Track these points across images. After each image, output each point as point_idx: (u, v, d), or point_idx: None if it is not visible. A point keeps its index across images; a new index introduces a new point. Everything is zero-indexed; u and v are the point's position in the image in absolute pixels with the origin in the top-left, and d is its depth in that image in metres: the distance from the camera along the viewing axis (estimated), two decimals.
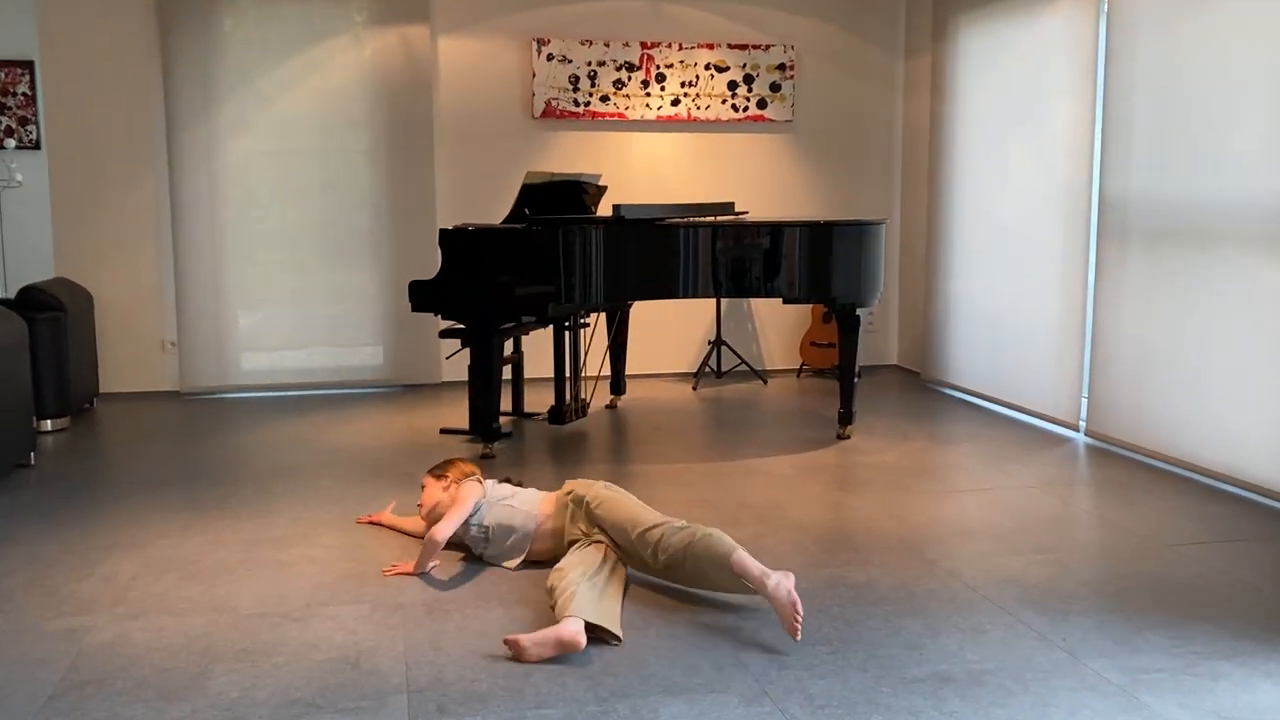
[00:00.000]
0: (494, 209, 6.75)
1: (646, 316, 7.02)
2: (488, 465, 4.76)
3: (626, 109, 6.85)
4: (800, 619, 2.80)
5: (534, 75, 6.70)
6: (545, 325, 5.39)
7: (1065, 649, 2.81)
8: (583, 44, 6.72)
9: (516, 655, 2.72)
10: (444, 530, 3.32)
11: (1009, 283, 5.99)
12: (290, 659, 2.76)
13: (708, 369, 7.09)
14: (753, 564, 2.92)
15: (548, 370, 6.87)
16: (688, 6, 6.89)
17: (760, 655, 2.77)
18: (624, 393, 6.18)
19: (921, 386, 6.79)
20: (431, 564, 3.38)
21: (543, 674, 2.66)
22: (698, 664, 2.72)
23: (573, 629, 2.73)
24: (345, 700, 2.54)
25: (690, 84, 6.90)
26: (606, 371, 6.14)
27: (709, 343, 7.12)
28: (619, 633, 2.82)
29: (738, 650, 2.80)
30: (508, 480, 3.65)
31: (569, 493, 3.38)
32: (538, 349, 6.84)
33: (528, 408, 5.83)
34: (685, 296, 4.91)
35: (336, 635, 2.91)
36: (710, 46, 6.89)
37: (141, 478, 4.59)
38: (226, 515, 4.02)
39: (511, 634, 2.79)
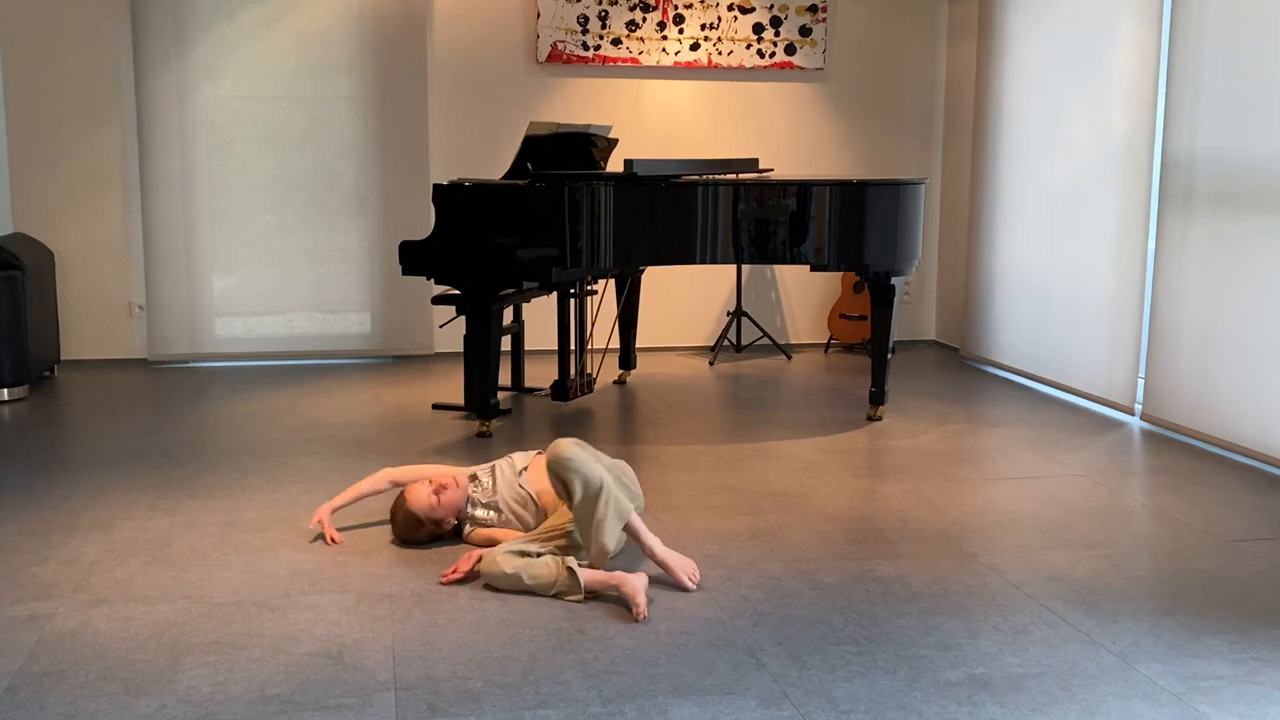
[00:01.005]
0: (494, 163, 6.73)
1: (660, 284, 7.01)
2: (484, 444, 4.77)
3: (641, 54, 6.80)
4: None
5: (538, 15, 6.66)
6: (549, 292, 5.38)
7: (1115, 653, 2.81)
8: None
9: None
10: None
11: (1060, 250, 5.96)
12: (267, 652, 2.77)
13: (726, 342, 7.08)
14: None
15: (551, 342, 6.87)
16: None
17: (780, 654, 2.78)
18: (634, 367, 6.18)
19: (961, 364, 6.77)
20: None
21: (542, 671, 2.67)
22: (712, 663, 2.73)
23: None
24: (327, 697, 2.55)
25: (711, 26, 6.85)
26: (615, 344, 6.14)
27: (728, 314, 7.11)
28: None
29: (755, 648, 2.81)
30: (473, 476, 3.63)
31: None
32: (540, 318, 6.84)
33: (529, 382, 5.84)
34: (703, 262, 4.89)
35: (317, 626, 2.92)
36: None
37: (106, 453, 4.61)
38: (198, 495, 4.04)
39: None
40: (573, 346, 5.49)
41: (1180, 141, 4.97)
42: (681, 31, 6.83)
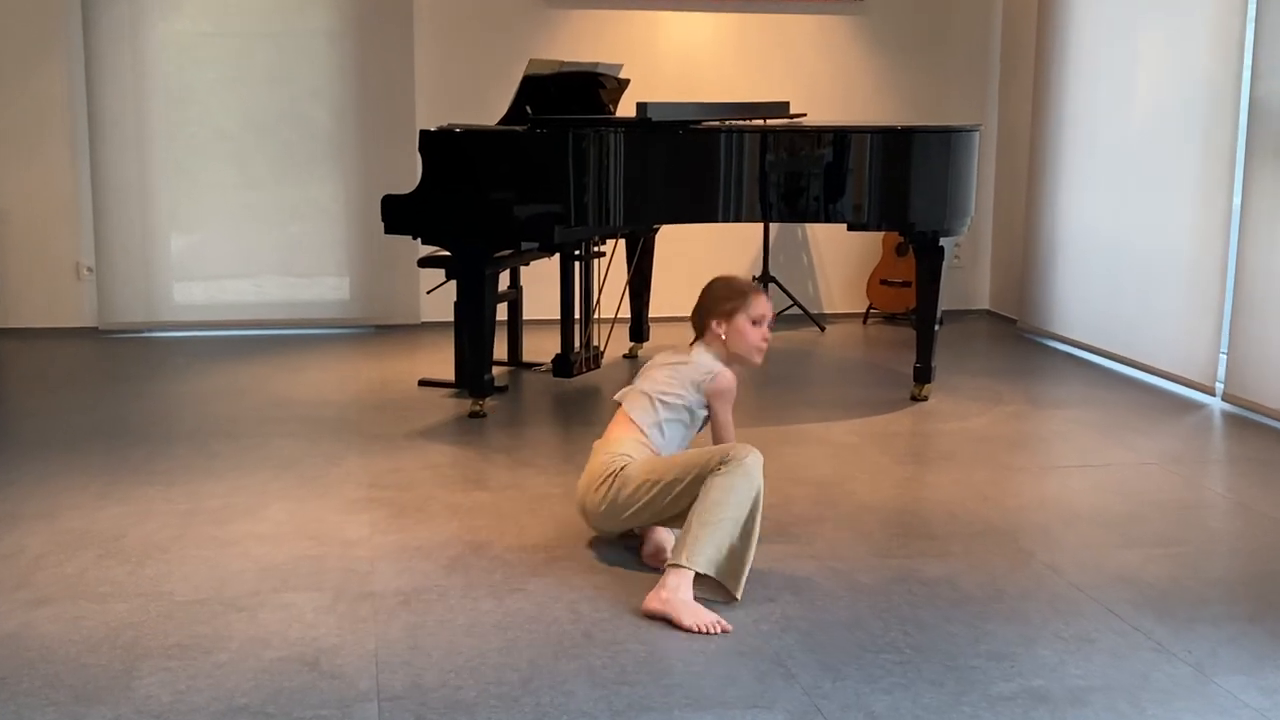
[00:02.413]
0: (488, 107, 6.70)
1: (676, 245, 6.99)
2: (478, 426, 4.78)
3: None
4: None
5: None
6: (551, 254, 5.38)
7: (1191, 664, 2.81)
8: None
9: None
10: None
11: (1132, 208, 5.93)
12: (234, 657, 2.79)
13: None
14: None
15: (553, 311, 6.86)
16: None
17: (812, 664, 2.78)
18: (647, 339, 6.18)
19: (1018, 337, 6.75)
20: None
21: (543, 680, 2.68)
22: (735, 673, 2.74)
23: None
24: (302, 708, 2.57)
25: None
26: (625, 313, 6.14)
27: (754, 279, 7.09)
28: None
29: (784, 657, 2.82)
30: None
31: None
32: (541, 283, 6.83)
33: (527, 356, 5.84)
34: (725, 220, 4.88)
35: (291, 629, 2.94)
36: None
37: (51, 434, 4.62)
38: (155, 481, 4.05)
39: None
40: (577, 316, 5.49)
41: (1271, 84, 4.94)
42: None
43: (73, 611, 3.02)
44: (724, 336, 3.41)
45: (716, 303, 3.42)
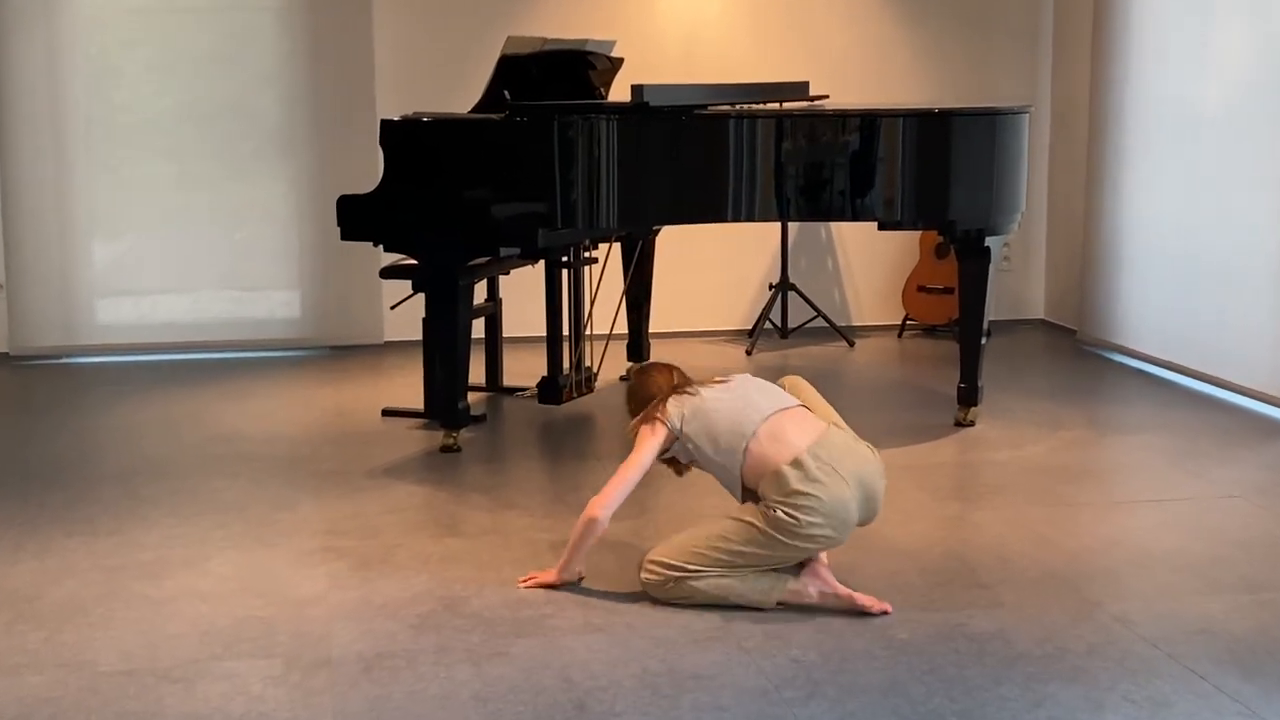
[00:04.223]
0: (460, 92, 6.71)
1: (680, 249, 6.99)
2: (452, 461, 4.77)
3: None
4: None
5: None
6: (534, 261, 5.37)
7: None
8: None
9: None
10: (604, 506, 3.46)
11: (1207, 203, 5.93)
12: None
13: (768, 325, 7.07)
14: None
15: (538, 327, 6.85)
16: None
17: None
18: (647, 359, 6.17)
19: (1078, 350, 6.75)
20: (579, 569, 3.58)
21: None
22: None
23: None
24: None
25: None
26: (622, 328, 6.13)
27: (770, 287, 7.10)
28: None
29: None
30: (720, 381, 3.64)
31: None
32: (523, 295, 6.83)
33: (508, 380, 5.84)
34: (736, 220, 4.88)
35: (234, 703, 2.92)
36: None
37: None
38: (77, 531, 4.04)
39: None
40: (566, 332, 5.48)
41: None
42: None
43: None
44: None
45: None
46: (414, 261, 4.93)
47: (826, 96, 6.23)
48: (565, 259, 5.41)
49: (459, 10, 6.74)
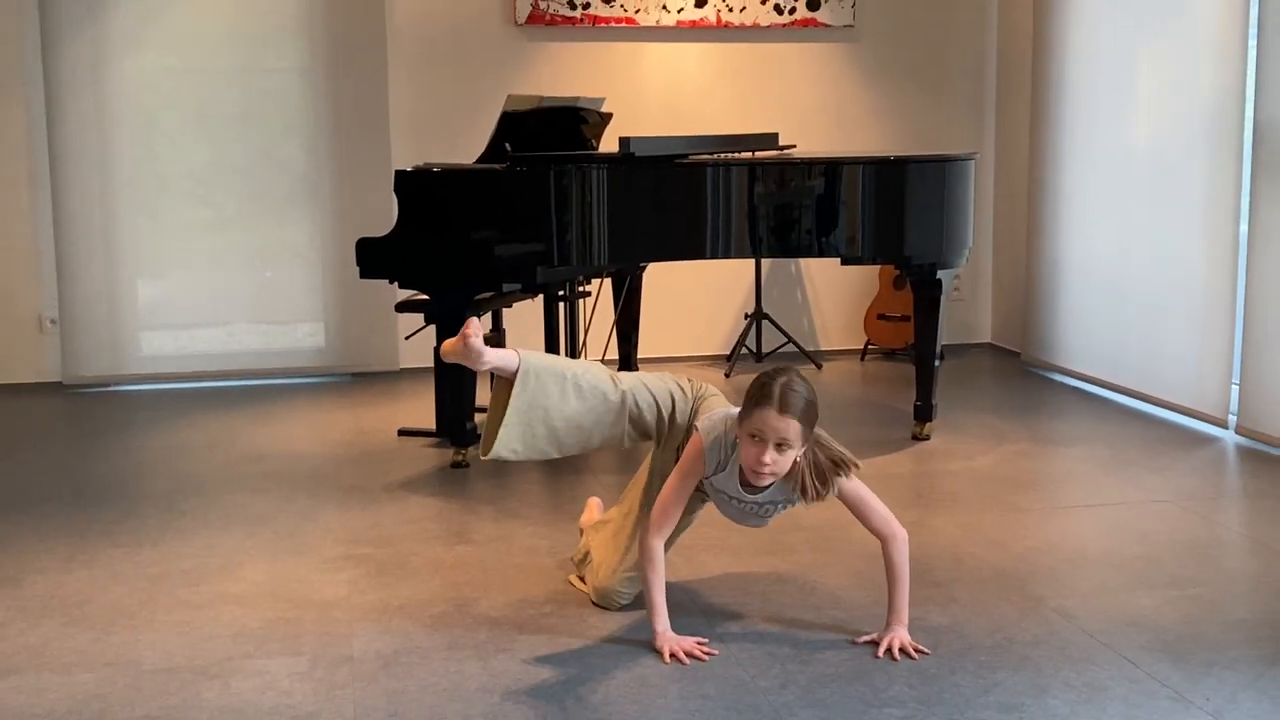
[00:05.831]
0: (466, 144, 6.73)
1: (664, 283, 7.00)
2: (461, 476, 4.77)
3: (638, 11, 6.81)
4: None
5: None
6: (533, 295, 5.38)
7: (1210, 711, 2.80)
8: None
9: None
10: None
11: (1136, 235, 5.96)
12: None
13: (745, 350, 7.08)
14: None
15: None
16: None
17: (814, 718, 2.78)
18: None
19: (1022, 371, 6.76)
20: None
21: None
22: None
23: None
24: None
25: None
26: (614, 354, 6.14)
27: (746, 316, 7.11)
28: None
29: (784, 713, 2.80)
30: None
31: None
32: (524, 326, 6.84)
33: None
34: (714, 256, 4.89)
35: (265, 697, 2.92)
36: None
37: (14, 495, 4.60)
38: (123, 543, 4.04)
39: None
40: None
41: (1275, 103, 4.97)
42: None
43: (36, 682, 3.00)
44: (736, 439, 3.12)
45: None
46: (425, 296, 4.93)
47: (794, 146, 6.26)
48: (562, 293, 5.42)
49: (465, 69, 6.76)
